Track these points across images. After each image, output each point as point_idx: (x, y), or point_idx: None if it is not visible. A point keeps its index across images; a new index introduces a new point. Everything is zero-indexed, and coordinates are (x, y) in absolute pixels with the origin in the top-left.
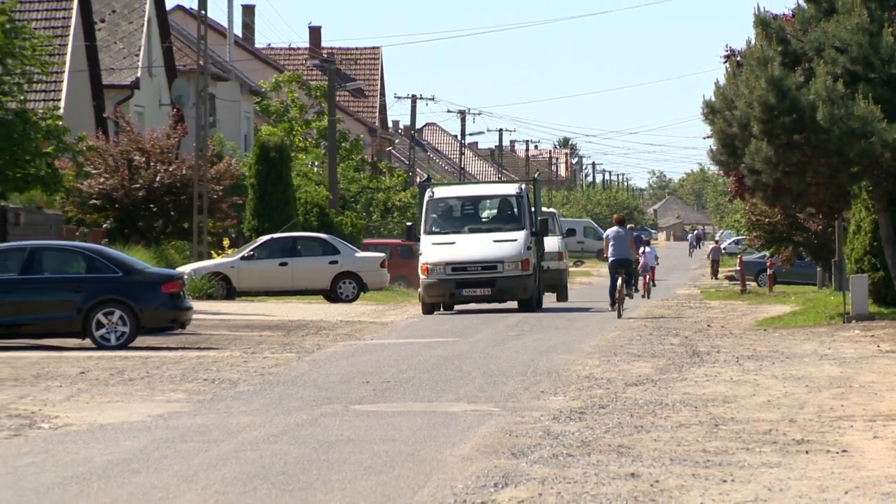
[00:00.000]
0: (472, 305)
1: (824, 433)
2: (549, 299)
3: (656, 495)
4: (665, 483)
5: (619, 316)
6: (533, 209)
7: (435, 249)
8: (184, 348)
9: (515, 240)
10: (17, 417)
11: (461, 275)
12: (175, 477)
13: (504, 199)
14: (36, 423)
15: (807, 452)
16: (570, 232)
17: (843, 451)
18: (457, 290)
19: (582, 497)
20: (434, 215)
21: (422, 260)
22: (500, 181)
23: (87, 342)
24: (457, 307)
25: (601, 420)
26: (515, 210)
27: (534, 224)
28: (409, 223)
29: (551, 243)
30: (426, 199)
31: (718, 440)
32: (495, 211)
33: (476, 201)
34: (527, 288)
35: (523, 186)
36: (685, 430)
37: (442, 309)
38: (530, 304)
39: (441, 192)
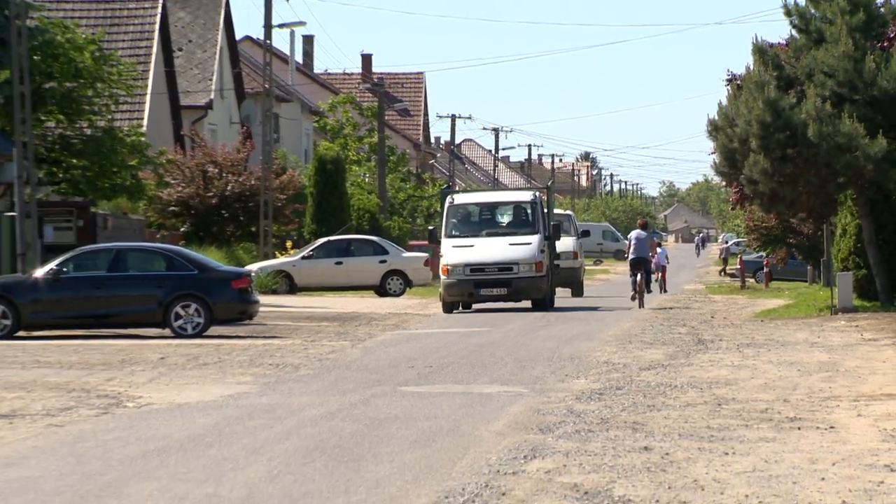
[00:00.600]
0: (488, 304)
1: (814, 412)
2: (564, 294)
3: (667, 466)
4: (674, 455)
5: (641, 306)
6: (546, 212)
7: (455, 252)
8: (251, 337)
9: (530, 243)
10: (105, 397)
11: (479, 275)
12: (244, 450)
13: (519, 205)
14: (122, 403)
15: (799, 429)
16: (585, 233)
17: (831, 427)
18: (475, 289)
19: (601, 467)
20: (454, 220)
21: (442, 262)
22: (516, 188)
23: (167, 332)
24: (474, 306)
25: (618, 400)
26: (530, 215)
27: (547, 228)
28: (430, 227)
29: (567, 243)
30: (447, 204)
31: (721, 418)
32: (511, 216)
33: (493, 207)
34: (540, 288)
35: (537, 193)
36: (692, 409)
37: (461, 307)
38: (543, 304)
39: (460, 198)
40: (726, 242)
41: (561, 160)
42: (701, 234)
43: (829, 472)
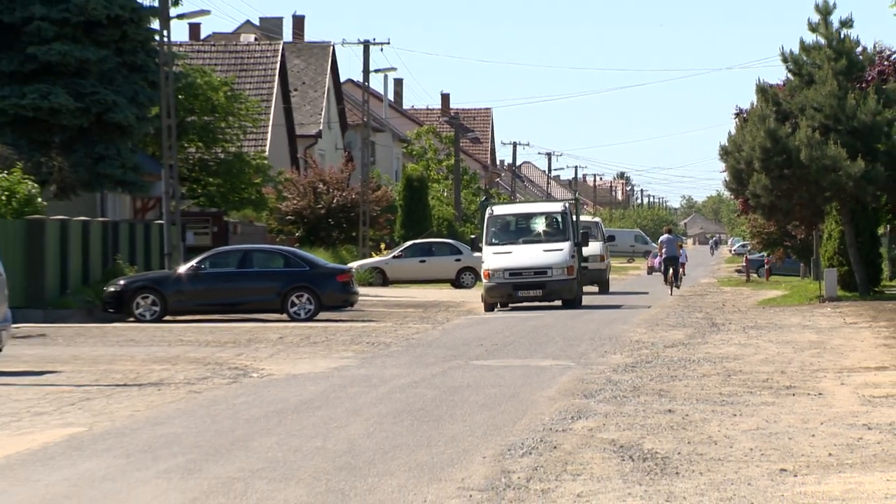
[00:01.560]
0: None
1: (806, 381)
2: (592, 290)
3: (686, 425)
4: (692, 416)
5: (671, 294)
6: (575, 221)
7: (495, 258)
8: (352, 321)
9: (561, 249)
10: (234, 369)
11: (517, 279)
12: (346, 412)
13: (551, 215)
14: (248, 373)
15: (793, 395)
16: (611, 238)
17: (819, 394)
18: (514, 291)
19: (633, 426)
20: (494, 229)
21: (484, 266)
22: (547, 200)
23: (284, 316)
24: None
25: (647, 372)
26: (561, 224)
27: (576, 235)
28: (472, 236)
29: (595, 248)
30: (487, 215)
31: (730, 386)
32: (544, 225)
33: (529, 217)
34: (571, 289)
35: (567, 204)
36: (706, 379)
37: (499, 307)
38: (573, 303)
39: (499, 209)
40: (738, 249)
41: (601, 178)
42: (714, 238)
43: (818, 430)
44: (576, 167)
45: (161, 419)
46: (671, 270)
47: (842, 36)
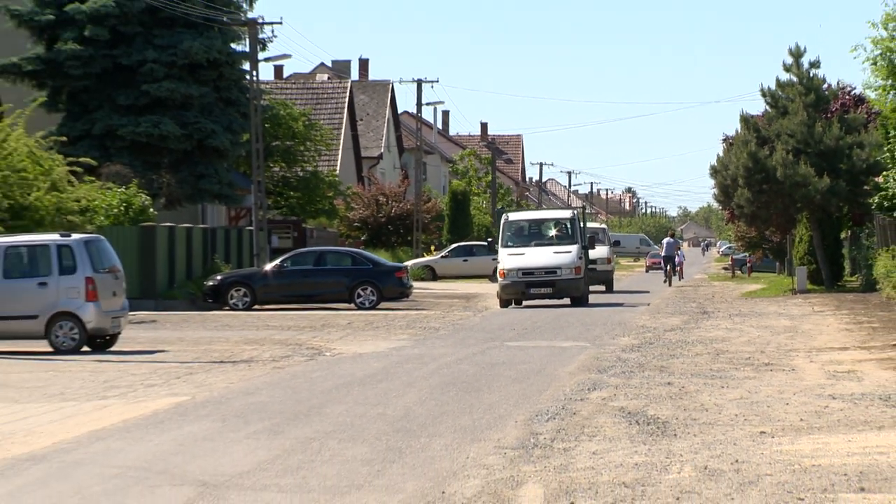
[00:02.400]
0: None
1: (781, 359)
2: (599, 289)
3: (682, 395)
4: (688, 388)
5: (670, 285)
6: (582, 227)
7: (509, 259)
8: (407, 309)
9: (570, 252)
10: (311, 349)
11: (529, 278)
12: (402, 384)
13: (561, 221)
14: (322, 353)
15: (771, 371)
16: (616, 243)
17: (793, 370)
18: (526, 289)
19: (639, 396)
20: (509, 233)
21: (499, 267)
22: (558, 208)
23: (351, 306)
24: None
25: (650, 351)
26: (569, 229)
27: (583, 240)
28: (489, 239)
29: (603, 251)
30: (502, 221)
31: (719, 363)
32: (554, 230)
33: (540, 222)
34: (578, 288)
35: (575, 212)
36: (699, 357)
37: (514, 304)
38: (580, 301)
39: (514, 216)
40: (727, 247)
41: (612, 192)
42: (705, 242)
43: (792, 400)
44: (591, 183)
45: (251, 390)
46: (669, 266)
47: (811, 75)
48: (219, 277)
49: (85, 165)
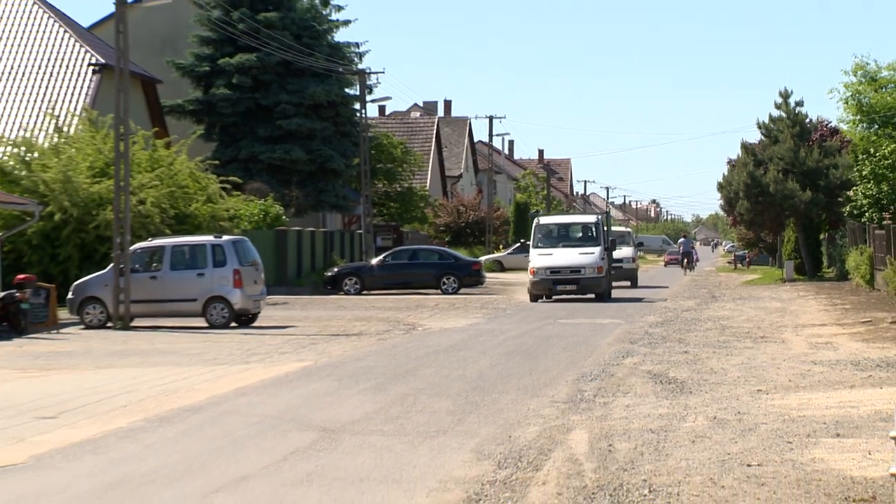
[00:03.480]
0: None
1: (773, 333)
2: (625, 285)
3: (696, 361)
4: (700, 355)
5: (685, 274)
6: (606, 230)
7: (539, 258)
8: (481, 294)
9: (593, 253)
10: (406, 325)
11: (557, 276)
12: (477, 352)
13: (586, 225)
14: (415, 328)
15: (765, 342)
16: (640, 244)
17: (782, 341)
18: (553, 286)
19: (662, 362)
20: (539, 235)
21: (530, 265)
22: (584, 213)
23: (438, 292)
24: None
25: (670, 327)
26: (594, 232)
27: (606, 242)
28: (522, 240)
29: (628, 251)
30: (534, 224)
31: (724, 336)
32: (580, 233)
33: (567, 226)
34: (601, 285)
35: (600, 216)
36: (709, 331)
37: (543, 299)
38: (603, 297)
39: (544, 220)
40: (732, 247)
41: (640, 203)
42: (713, 241)
43: (782, 365)
44: (624, 196)
45: (360, 356)
46: (686, 260)
47: (796, 111)
48: (335, 269)
49: (232, 183)
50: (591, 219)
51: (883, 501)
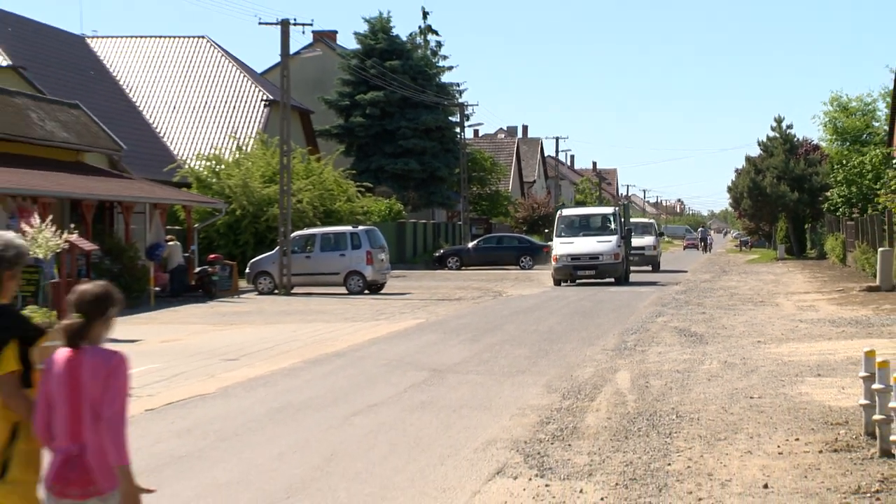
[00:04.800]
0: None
1: (769, 298)
2: (646, 269)
3: (711, 319)
4: (714, 315)
5: (703, 254)
6: (623, 221)
7: (562, 246)
8: (549, 270)
9: (610, 241)
10: (494, 292)
11: (577, 262)
12: (547, 312)
13: (604, 216)
14: (500, 294)
15: (764, 305)
16: (661, 234)
17: (776, 305)
18: (574, 271)
19: (686, 319)
20: (562, 225)
21: (553, 253)
22: (602, 206)
23: (517, 268)
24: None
25: (691, 294)
26: (611, 222)
27: (623, 231)
28: (546, 230)
29: (650, 240)
30: (557, 215)
31: (732, 301)
32: (599, 223)
33: (587, 217)
34: (617, 270)
35: (616, 208)
36: (721, 297)
37: (564, 283)
38: (620, 281)
39: (566, 212)
40: (736, 235)
41: (668, 201)
42: (724, 230)
43: (776, 322)
44: (657, 196)
45: (460, 315)
46: (703, 244)
47: (787, 132)
48: (441, 251)
49: (365, 187)
50: (608, 210)
51: (853, 425)
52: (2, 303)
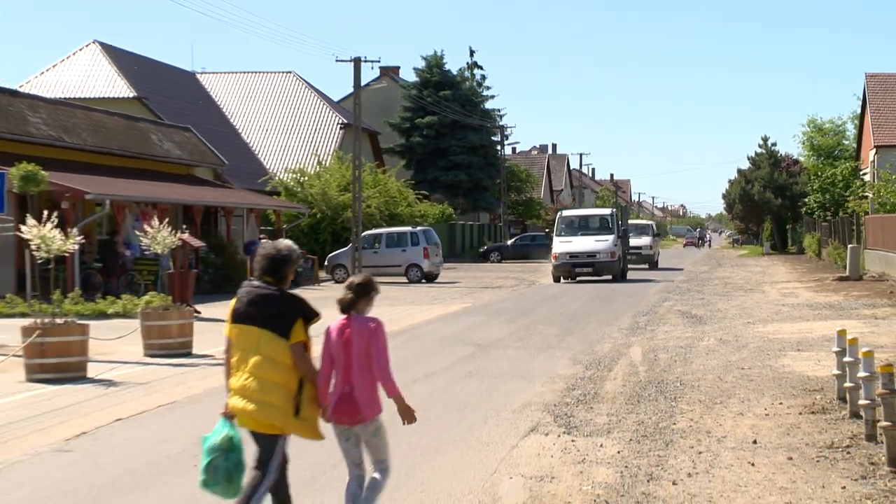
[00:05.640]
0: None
1: (757, 286)
2: (643, 267)
3: (708, 304)
4: (711, 300)
5: (701, 249)
6: (620, 222)
7: (561, 245)
8: None
9: (607, 240)
10: (529, 282)
11: (575, 260)
12: (571, 298)
13: (602, 217)
14: (533, 284)
15: (752, 292)
16: (657, 235)
17: (763, 292)
18: (572, 269)
19: (687, 303)
20: (562, 226)
21: (553, 251)
22: (600, 208)
23: (547, 262)
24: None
25: (692, 283)
26: (609, 223)
27: (620, 231)
28: (546, 230)
29: (646, 240)
30: (558, 216)
31: (726, 289)
32: (597, 223)
33: (586, 218)
34: (613, 268)
35: (614, 210)
36: (717, 286)
37: (564, 280)
38: (616, 278)
39: (566, 213)
40: (729, 235)
41: (673, 205)
42: (720, 230)
43: (763, 306)
44: (664, 202)
45: (500, 300)
46: (701, 241)
47: (772, 149)
48: (485, 247)
49: (422, 195)
50: (606, 211)
51: (828, 391)
52: (289, 291)
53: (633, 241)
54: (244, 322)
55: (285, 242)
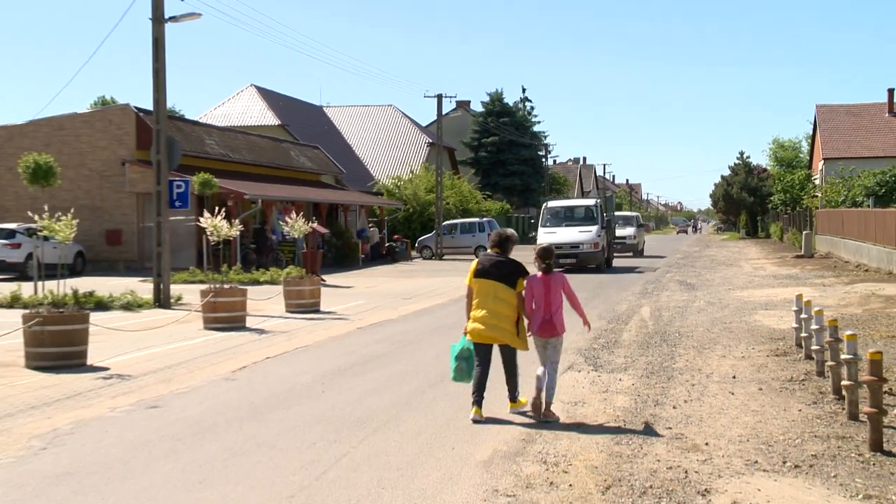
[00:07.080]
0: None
1: (735, 262)
2: (627, 255)
3: (699, 275)
4: (701, 272)
5: (693, 234)
6: (604, 213)
7: (545, 235)
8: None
9: (591, 231)
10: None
11: (559, 251)
12: (588, 281)
13: (586, 207)
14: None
15: (732, 266)
16: (641, 225)
17: (740, 266)
18: (556, 259)
19: (683, 275)
20: (548, 216)
21: (537, 241)
22: (586, 198)
23: None
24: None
25: (686, 260)
26: (593, 213)
27: (604, 222)
28: (532, 220)
29: (630, 231)
30: (543, 207)
31: (713, 264)
32: (581, 214)
33: (570, 208)
34: (597, 259)
35: (598, 201)
36: (705, 262)
37: None
38: (600, 268)
39: (552, 203)
40: (714, 224)
41: (672, 202)
42: (708, 221)
43: (740, 277)
44: (665, 200)
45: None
46: (693, 229)
47: (747, 160)
48: (533, 233)
49: (487, 195)
50: (590, 202)
51: (788, 340)
52: (514, 259)
53: (619, 232)
54: (486, 277)
55: (509, 230)
